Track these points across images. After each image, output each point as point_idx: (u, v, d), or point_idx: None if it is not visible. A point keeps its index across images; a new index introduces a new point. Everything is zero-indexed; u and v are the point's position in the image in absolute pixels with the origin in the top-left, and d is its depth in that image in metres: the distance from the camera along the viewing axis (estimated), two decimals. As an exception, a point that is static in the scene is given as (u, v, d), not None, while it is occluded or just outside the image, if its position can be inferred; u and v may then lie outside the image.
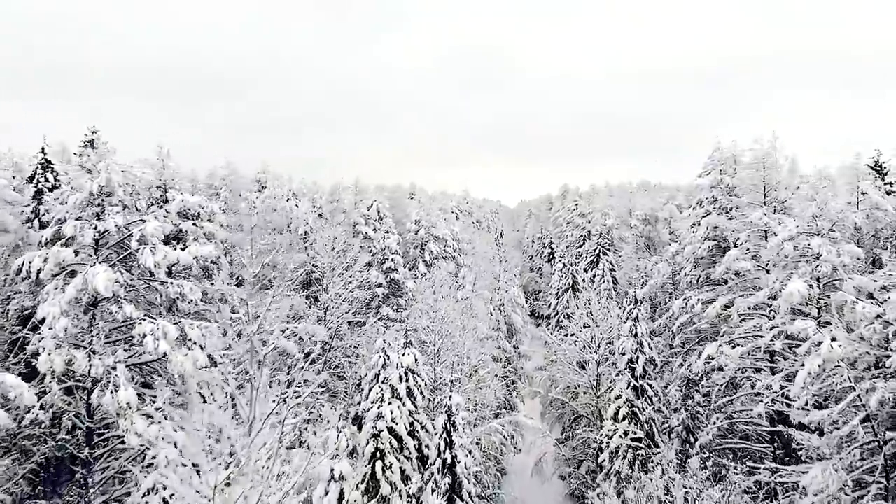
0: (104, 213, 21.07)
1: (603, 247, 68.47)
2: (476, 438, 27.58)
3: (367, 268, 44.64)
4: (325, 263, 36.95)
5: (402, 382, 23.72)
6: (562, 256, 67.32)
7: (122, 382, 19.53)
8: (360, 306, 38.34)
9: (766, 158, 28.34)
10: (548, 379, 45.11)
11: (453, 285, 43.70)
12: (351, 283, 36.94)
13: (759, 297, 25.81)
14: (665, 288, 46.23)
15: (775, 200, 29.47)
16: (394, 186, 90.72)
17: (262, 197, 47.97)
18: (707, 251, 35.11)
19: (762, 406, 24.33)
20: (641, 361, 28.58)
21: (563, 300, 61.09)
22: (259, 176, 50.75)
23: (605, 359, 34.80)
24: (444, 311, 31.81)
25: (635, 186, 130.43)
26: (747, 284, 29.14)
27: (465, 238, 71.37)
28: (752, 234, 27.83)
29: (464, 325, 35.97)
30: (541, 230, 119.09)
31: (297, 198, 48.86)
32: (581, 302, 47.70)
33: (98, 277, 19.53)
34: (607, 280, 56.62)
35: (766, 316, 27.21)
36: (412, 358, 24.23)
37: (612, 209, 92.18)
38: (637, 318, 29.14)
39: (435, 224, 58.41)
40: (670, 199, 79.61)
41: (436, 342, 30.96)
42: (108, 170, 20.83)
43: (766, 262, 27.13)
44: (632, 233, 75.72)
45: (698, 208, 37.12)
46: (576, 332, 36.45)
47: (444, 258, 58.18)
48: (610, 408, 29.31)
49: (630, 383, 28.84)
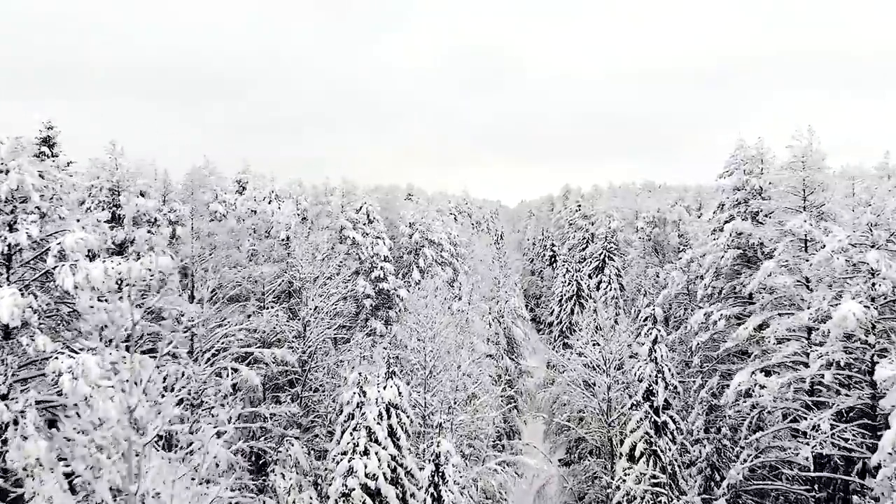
0: (17, 223, 17.37)
1: (608, 251, 64.73)
2: (472, 480, 23.87)
3: (355, 276, 40.93)
4: (305, 273, 33.21)
5: (382, 421, 20.01)
6: (565, 261, 63.63)
7: (30, 432, 15.85)
8: (344, 320, 34.59)
9: (805, 156, 24.56)
10: (551, 396, 41.45)
11: (448, 296, 39.99)
12: (334, 294, 33.20)
13: (802, 319, 22.04)
14: (679, 299, 42.56)
15: (812, 205, 25.71)
16: (391, 187, 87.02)
17: (242, 199, 44.23)
18: (731, 261, 31.41)
19: (808, 449, 20.59)
20: (662, 390, 24.84)
21: (567, 308, 57.36)
22: (240, 176, 46.95)
23: (615, 381, 31.08)
24: (437, 329, 28.11)
25: (639, 187, 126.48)
26: (783, 302, 25.41)
27: (464, 241, 67.70)
28: (790, 243, 24.08)
29: (459, 342, 32.32)
30: (542, 232, 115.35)
31: (279, 200, 45.06)
32: (587, 314, 44.04)
33: (2, 303, 15.82)
34: (614, 287, 52.88)
35: (808, 340, 23.50)
36: (395, 391, 20.52)
37: (617, 211, 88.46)
38: (656, 339, 25.39)
39: (430, 227, 54.69)
40: (678, 200, 75.98)
41: (426, 364, 27.28)
42: (21, 171, 17.11)
43: (809, 277, 23.41)
44: (638, 236, 71.93)
45: (720, 212, 33.36)
46: (583, 349, 32.73)
47: (440, 264, 54.46)
48: (624, 443, 25.57)
49: (648, 415, 25.10)
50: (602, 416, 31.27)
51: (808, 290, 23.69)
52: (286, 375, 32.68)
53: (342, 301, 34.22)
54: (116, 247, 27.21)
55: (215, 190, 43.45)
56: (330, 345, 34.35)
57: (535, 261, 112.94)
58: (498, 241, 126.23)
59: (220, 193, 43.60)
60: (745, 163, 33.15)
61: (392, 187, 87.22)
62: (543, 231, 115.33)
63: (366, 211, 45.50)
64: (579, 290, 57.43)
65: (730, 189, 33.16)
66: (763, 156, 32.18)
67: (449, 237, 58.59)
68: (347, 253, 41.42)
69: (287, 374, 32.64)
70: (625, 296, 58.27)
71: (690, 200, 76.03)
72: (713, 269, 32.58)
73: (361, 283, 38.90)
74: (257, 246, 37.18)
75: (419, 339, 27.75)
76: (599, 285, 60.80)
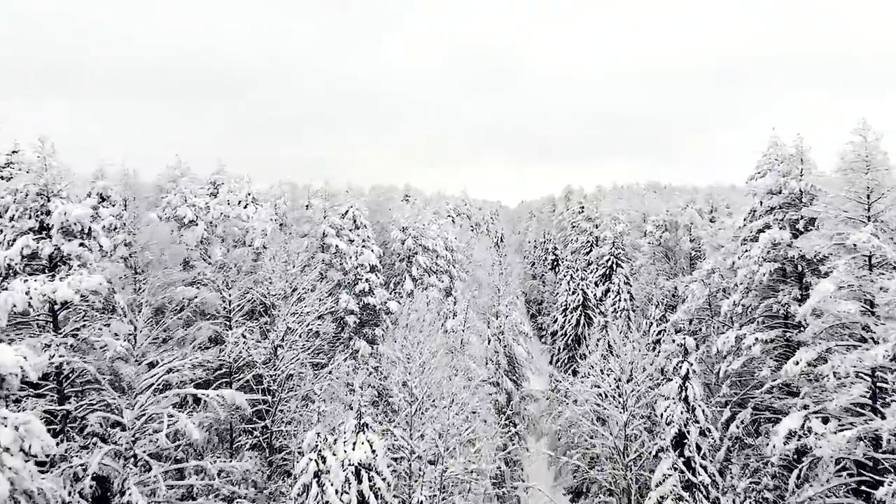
0: None
1: (616, 258, 60.44)
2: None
3: (338, 288, 36.67)
4: (277, 288, 29.00)
5: (350, 489, 15.75)
6: (569, 267, 59.38)
7: None
8: (323, 341, 30.31)
9: (868, 156, 20.28)
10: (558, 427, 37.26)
11: (442, 311, 35.72)
12: (310, 313, 28.97)
13: (874, 357, 17.80)
14: (700, 314, 38.29)
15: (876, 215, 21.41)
16: (388, 187, 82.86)
17: (215, 203, 39.96)
18: (767, 276, 27.16)
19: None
20: (695, 438, 20.57)
21: (573, 319, 53.11)
22: (214, 177, 42.66)
23: (633, 415, 26.82)
24: (426, 358, 23.85)
25: (643, 187, 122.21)
26: (839, 332, 21.13)
27: (462, 245, 63.45)
28: (851, 261, 19.81)
29: (453, 367, 28.13)
30: (543, 234, 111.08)
31: (256, 203, 40.86)
32: (596, 330, 39.88)
33: None
34: (624, 298, 48.59)
35: (872, 379, 19.26)
36: (366, 449, 16.28)
37: (623, 213, 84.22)
38: (688, 375, 21.11)
39: (425, 232, 50.44)
40: (689, 202, 71.60)
41: (411, 399, 23.03)
42: None
43: (876, 303, 19.17)
44: (647, 240, 67.67)
45: (753, 219, 29.10)
46: (596, 379, 28.47)
47: (435, 272, 50.20)
48: (650, 497, 21.31)
49: (675, 466, 20.83)
50: (618, 456, 27.01)
51: (873, 316, 19.47)
52: (253, 407, 28.47)
53: (320, 320, 29.96)
54: (49, 262, 23.05)
55: (184, 193, 39.25)
56: (308, 369, 30.10)
57: (537, 264, 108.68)
58: (498, 244, 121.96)
59: (190, 196, 39.38)
60: (781, 162, 28.97)
61: (389, 188, 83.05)
62: (545, 234, 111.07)
63: (352, 215, 41.21)
64: (585, 300, 53.21)
65: (763, 192, 28.94)
66: (803, 154, 27.96)
67: (445, 243, 54.34)
68: (329, 263, 37.15)
69: (254, 406, 28.45)
70: (634, 305, 54.00)
71: (702, 203, 71.61)
72: (746, 284, 28.38)
73: (344, 297, 34.62)
74: (226, 257, 32.95)
75: (405, 367, 23.50)
76: (607, 294, 56.53)
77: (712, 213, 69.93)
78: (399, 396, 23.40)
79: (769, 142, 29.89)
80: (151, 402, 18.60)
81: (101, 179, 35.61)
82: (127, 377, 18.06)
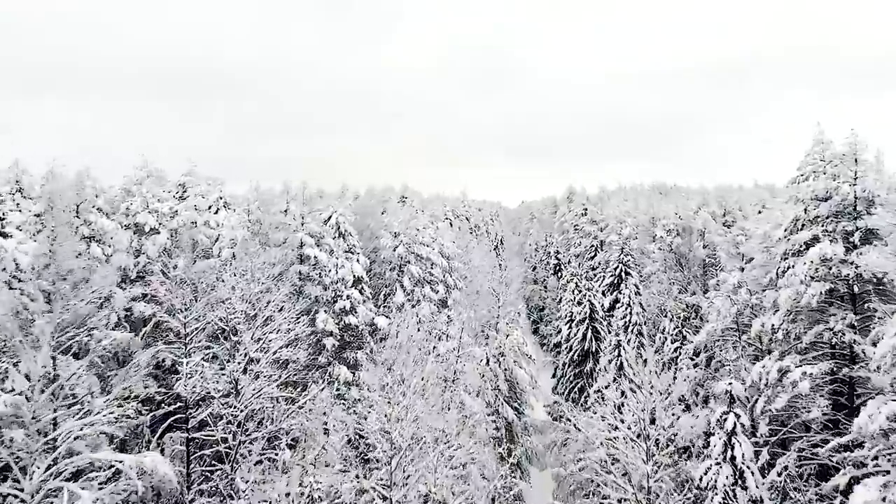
0: None
1: (625, 265, 56.19)
2: None
3: (316, 304, 32.42)
4: (237, 310, 24.76)
5: None
6: (573, 274, 55.08)
7: None
8: (293, 372, 26.04)
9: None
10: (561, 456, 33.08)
11: (434, 331, 31.48)
12: (276, 340, 24.76)
13: None
14: (725, 335, 34.00)
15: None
16: (384, 188, 78.64)
17: (182, 207, 35.76)
18: (816, 298, 22.94)
19: None
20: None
21: (579, 333, 48.79)
22: (183, 179, 38.41)
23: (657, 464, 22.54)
24: (410, 401, 19.64)
25: (648, 188, 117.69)
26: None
27: (459, 252, 59.24)
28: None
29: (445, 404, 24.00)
30: (545, 237, 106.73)
31: (228, 207, 36.59)
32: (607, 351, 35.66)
33: None
34: (636, 312, 44.32)
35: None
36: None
37: (629, 215, 79.94)
38: (734, 430, 16.88)
39: (419, 238, 46.26)
40: (701, 205, 67.35)
41: (392, 453, 18.86)
42: None
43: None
44: (657, 246, 63.43)
45: (797, 230, 24.84)
46: (609, 414, 24.20)
47: (429, 283, 46.00)
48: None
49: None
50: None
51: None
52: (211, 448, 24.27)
53: (291, 346, 25.75)
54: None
55: (145, 197, 35.01)
56: (278, 403, 25.85)
57: (538, 268, 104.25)
58: (498, 247, 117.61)
59: (153, 201, 35.14)
60: (829, 163, 24.78)
61: (385, 189, 78.79)
62: (547, 236, 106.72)
63: (335, 222, 36.98)
64: (593, 312, 48.87)
65: (808, 198, 24.75)
66: (857, 154, 23.76)
67: (441, 250, 50.13)
68: (307, 276, 32.90)
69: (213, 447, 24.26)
70: (645, 317, 49.67)
71: (714, 205, 67.35)
72: (788, 306, 24.18)
73: (322, 316, 30.34)
74: (186, 272, 28.68)
75: (386, 415, 19.29)
76: (615, 305, 52.20)
77: (725, 217, 65.65)
78: (378, 448, 19.22)
79: (813, 140, 25.64)
80: (52, 472, 14.34)
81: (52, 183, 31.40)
82: (17, 444, 13.83)
